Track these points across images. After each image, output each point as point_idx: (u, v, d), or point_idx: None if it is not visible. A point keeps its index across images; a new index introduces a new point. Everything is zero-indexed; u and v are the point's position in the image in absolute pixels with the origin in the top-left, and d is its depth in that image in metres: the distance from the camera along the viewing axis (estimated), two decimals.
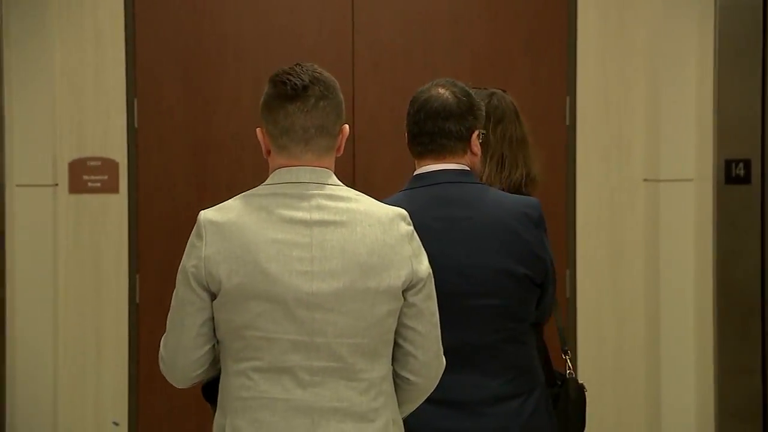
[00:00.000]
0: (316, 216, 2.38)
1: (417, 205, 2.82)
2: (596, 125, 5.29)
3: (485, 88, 3.39)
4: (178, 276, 2.42)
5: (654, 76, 5.21)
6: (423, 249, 2.48)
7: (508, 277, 2.83)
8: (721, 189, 4.97)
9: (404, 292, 2.42)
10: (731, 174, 4.95)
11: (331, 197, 2.41)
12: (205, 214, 2.42)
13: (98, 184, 5.28)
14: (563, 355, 3.42)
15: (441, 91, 2.91)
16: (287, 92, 2.42)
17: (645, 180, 5.28)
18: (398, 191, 2.93)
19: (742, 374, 4.99)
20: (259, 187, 2.46)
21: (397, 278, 2.39)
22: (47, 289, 5.23)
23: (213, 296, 2.38)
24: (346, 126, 2.53)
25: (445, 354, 2.69)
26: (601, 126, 5.29)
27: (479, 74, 5.24)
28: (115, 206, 5.31)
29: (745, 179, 4.94)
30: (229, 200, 2.45)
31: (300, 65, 2.46)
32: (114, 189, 5.29)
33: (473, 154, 2.94)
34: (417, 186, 2.89)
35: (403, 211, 2.47)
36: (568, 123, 5.27)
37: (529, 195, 3.30)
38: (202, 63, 5.33)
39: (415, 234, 2.47)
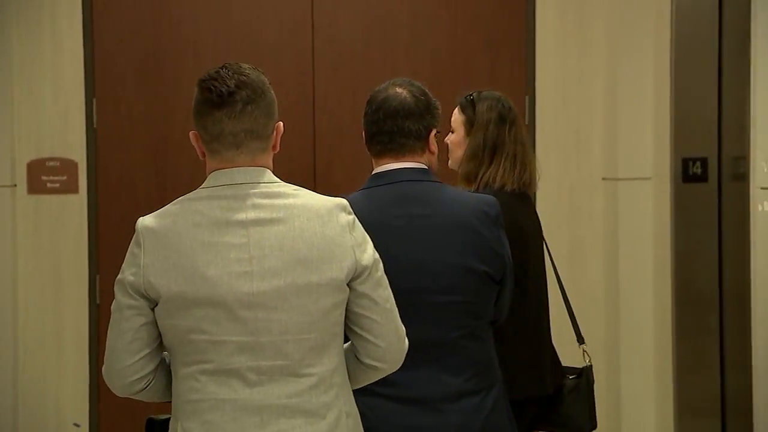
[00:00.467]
0: (252, 215, 2.36)
1: (376, 203, 2.84)
2: (555, 124, 5.32)
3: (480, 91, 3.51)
4: (116, 285, 2.40)
5: (612, 76, 5.24)
6: (367, 237, 2.47)
7: (469, 274, 2.85)
8: (678, 187, 5.02)
9: (350, 282, 2.41)
10: (688, 172, 5.00)
11: (266, 195, 2.39)
12: (143, 222, 2.41)
13: (57, 185, 5.25)
14: (579, 345, 3.50)
15: (399, 90, 2.92)
16: (213, 99, 2.39)
17: (604, 179, 5.32)
18: (357, 190, 2.94)
19: (700, 370, 5.04)
20: (195, 190, 2.44)
21: (339, 270, 2.38)
22: (7, 290, 5.20)
23: (153, 303, 2.37)
24: (280, 123, 2.49)
25: (407, 350, 2.71)
26: (560, 125, 5.32)
27: (439, 73, 5.26)
28: (75, 207, 5.28)
29: (702, 177, 4.99)
30: (167, 206, 2.43)
31: (226, 68, 2.43)
32: (73, 189, 5.26)
33: (431, 152, 2.96)
34: (376, 185, 2.90)
35: (343, 201, 2.46)
36: (527, 122, 5.28)
37: (530, 194, 3.42)
38: (160, 62, 5.31)
39: (357, 222, 2.46)
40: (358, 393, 2.55)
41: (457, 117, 3.53)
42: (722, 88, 4.96)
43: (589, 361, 3.52)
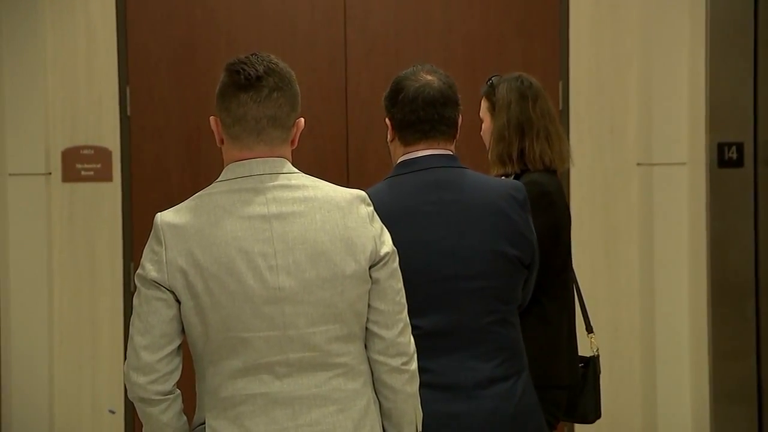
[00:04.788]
0: (273, 209, 2.35)
1: (406, 189, 2.84)
2: (589, 109, 5.29)
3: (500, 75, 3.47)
4: (138, 279, 2.37)
5: (646, 60, 5.21)
6: (385, 228, 2.46)
7: (501, 259, 2.84)
8: (714, 172, 4.97)
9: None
10: (724, 157, 4.95)
11: (287, 187, 2.38)
12: (162, 217, 2.38)
13: (91, 173, 5.28)
14: (588, 335, 3.48)
15: (430, 77, 2.91)
16: (241, 81, 2.38)
17: (638, 164, 5.28)
18: (385, 178, 2.93)
19: (736, 357, 5.00)
20: (213, 184, 2.42)
21: (364, 261, 2.37)
22: (42, 278, 5.23)
23: (177, 299, 2.34)
24: (301, 119, 2.48)
25: (439, 337, 2.72)
26: (594, 110, 5.29)
27: (472, 60, 5.24)
28: (109, 195, 5.30)
29: (738, 162, 4.95)
30: (186, 201, 2.41)
31: (256, 55, 2.43)
32: (107, 177, 5.29)
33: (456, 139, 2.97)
34: (404, 172, 2.89)
35: (362, 193, 2.46)
36: (561, 107, 5.26)
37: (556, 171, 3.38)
38: (194, 50, 5.32)
39: (376, 214, 2.45)
40: None
41: (483, 106, 3.49)
42: (758, 72, 4.91)
43: (597, 351, 3.49)
